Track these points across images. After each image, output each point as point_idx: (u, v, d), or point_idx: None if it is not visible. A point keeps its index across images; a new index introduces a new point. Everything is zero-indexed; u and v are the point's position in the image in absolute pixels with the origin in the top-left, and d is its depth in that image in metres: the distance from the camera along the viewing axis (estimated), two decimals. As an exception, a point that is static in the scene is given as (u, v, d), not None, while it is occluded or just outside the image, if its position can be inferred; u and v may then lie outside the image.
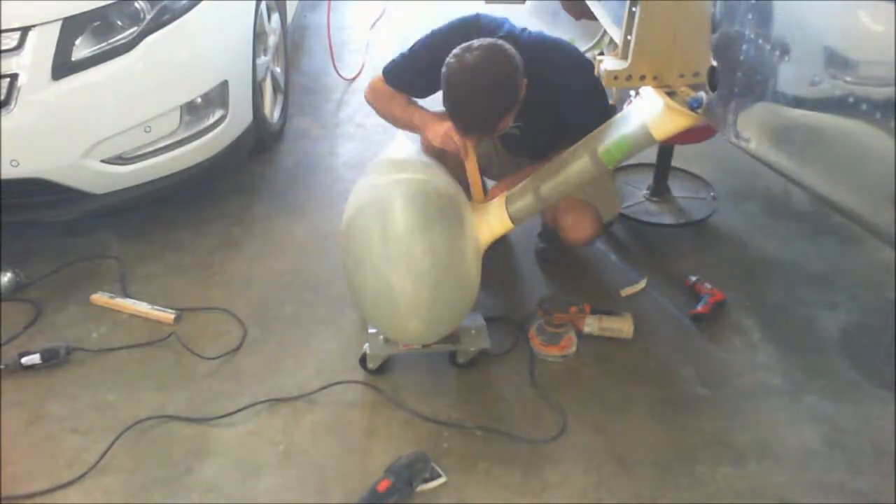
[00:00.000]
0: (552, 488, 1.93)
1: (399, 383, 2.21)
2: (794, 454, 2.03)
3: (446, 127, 2.16)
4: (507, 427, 2.07)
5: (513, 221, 2.15)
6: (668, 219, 2.93)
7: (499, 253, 2.66)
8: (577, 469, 1.97)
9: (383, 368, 2.23)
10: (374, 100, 2.41)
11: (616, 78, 1.83)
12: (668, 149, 2.91)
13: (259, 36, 3.01)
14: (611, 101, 3.72)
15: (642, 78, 1.83)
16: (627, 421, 2.11)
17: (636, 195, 3.01)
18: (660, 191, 3.00)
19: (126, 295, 2.48)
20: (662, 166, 2.97)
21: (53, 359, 2.21)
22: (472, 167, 2.22)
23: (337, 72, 3.91)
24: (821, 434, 2.08)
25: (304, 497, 1.90)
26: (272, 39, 3.25)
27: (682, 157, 3.03)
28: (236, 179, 3.07)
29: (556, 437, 2.04)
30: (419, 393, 2.17)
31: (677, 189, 3.04)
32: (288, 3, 3.58)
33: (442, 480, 1.92)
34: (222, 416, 2.08)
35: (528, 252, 2.73)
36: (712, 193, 3.04)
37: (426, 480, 1.90)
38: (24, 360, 2.19)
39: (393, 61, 2.35)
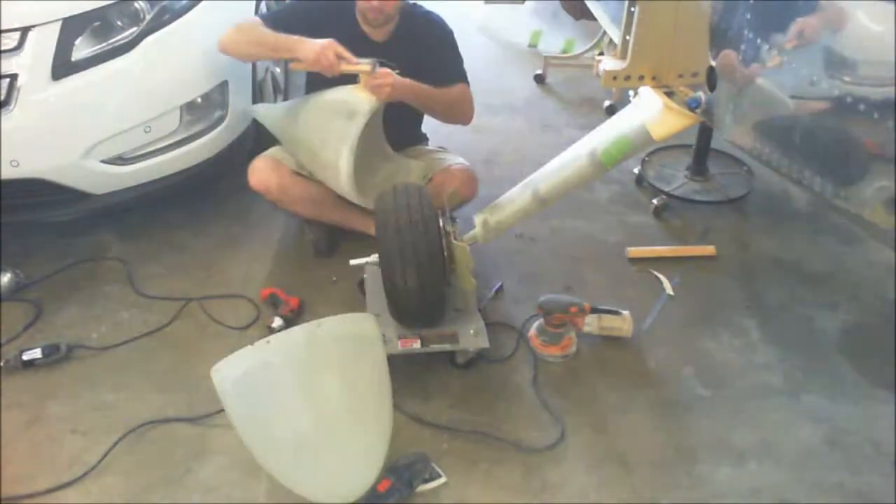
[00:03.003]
0: (552, 488, 1.93)
1: (399, 384, 2.20)
2: (794, 454, 2.03)
3: (321, 44, 2.27)
4: (508, 428, 2.07)
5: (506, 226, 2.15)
6: (713, 196, 3.07)
7: (499, 253, 2.67)
8: (578, 469, 1.97)
9: (383, 368, 2.22)
10: (238, 37, 2.46)
11: (615, 78, 1.83)
12: (708, 130, 2.99)
13: (259, 36, 3.01)
14: (611, 101, 3.74)
15: (641, 78, 1.83)
16: (627, 421, 2.11)
17: (678, 177, 3.14)
18: (701, 171, 3.13)
19: (137, 293, 2.52)
20: (702, 147, 3.09)
21: (54, 354, 2.22)
22: (351, 67, 2.29)
23: (337, 72, 3.89)
24: (821, 434, 2.08)
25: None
26: (272, 39, 3.25)
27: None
28: (236, 179, 3.06)
29: (556, 445, 2.03)
30: (419, 394, 2.17)
31: (712, 167, 3.18)
32: (288, 3, 3.57)
33: (442, 480, 1.92)
34: (222, 417, 2.08)
35: (529, 253, 2.74)
36: (745, 167, 3.15)
37: (426, 481, 1.90)
38: (25, 356, 2.20)
39: (270, 11, 2.75)
